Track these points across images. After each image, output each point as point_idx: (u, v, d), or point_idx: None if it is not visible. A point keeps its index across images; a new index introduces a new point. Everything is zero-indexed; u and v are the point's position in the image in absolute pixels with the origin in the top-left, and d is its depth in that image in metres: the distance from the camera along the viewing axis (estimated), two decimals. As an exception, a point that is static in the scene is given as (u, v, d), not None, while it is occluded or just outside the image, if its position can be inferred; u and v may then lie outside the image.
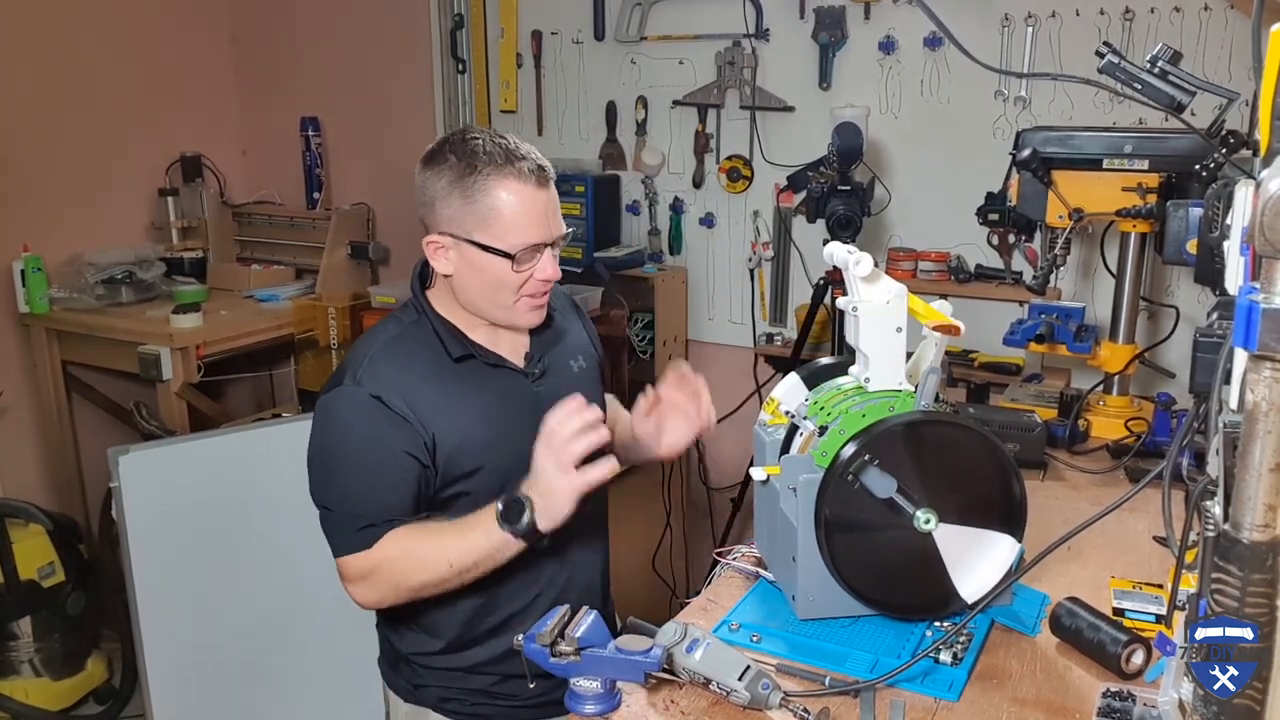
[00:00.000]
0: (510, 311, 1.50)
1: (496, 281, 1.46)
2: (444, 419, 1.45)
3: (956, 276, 2.72)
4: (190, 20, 3.73)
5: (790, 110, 2.94)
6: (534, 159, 1.47)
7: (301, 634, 2.71)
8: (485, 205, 1.44)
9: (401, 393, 1.44)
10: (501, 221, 1.43)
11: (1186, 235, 1.62)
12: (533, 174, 1.45)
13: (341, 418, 1.45)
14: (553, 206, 1.48)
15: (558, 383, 1.56)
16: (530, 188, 1.44)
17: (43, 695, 2.89)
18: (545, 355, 1.58)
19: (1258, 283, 0.76)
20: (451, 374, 1.49)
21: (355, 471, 1.44)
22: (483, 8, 3.36)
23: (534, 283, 1.47)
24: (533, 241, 1.44)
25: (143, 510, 2.52)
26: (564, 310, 1.68)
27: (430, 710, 1.60)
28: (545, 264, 1.47)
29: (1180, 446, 1.08)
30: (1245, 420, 0.78)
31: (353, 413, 1.44)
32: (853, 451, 1.23)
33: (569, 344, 1.64)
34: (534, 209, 1.44)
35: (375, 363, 1.46)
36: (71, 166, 3.37)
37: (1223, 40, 2.39)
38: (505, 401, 1.52)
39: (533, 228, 1.44)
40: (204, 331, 3.08)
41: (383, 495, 1.44)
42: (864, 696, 1.13)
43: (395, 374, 1.45)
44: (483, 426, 1.49)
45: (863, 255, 1.31)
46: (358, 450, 1.44)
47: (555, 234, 1.48)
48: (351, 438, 1.45)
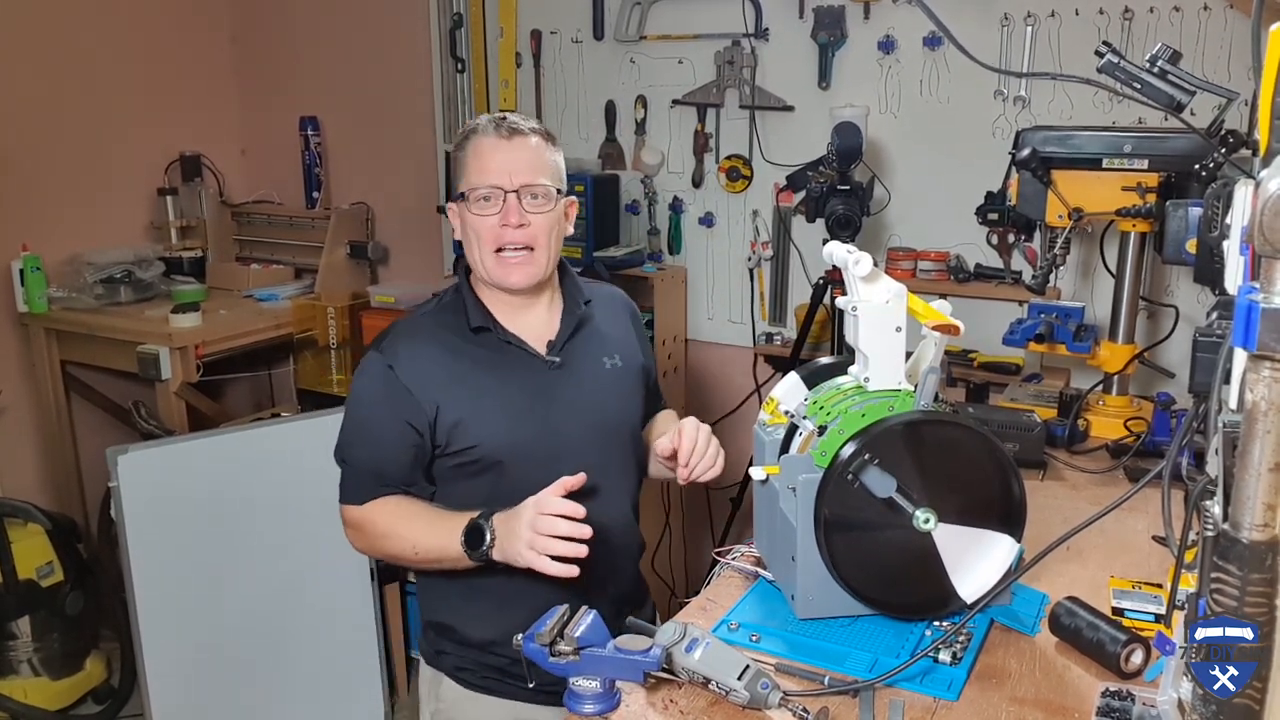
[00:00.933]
0: (490, 268, 1.57)
1: (472, 232, 1.57)
2: (450, 394, 1.55)
3: (956, 276, 2.72)
4: (190, 20, 3.73)
5: (790, 110, 2.94)
6: (503, 115, 1.58)
7: (300, 634, 2.71)
8: (459, 163, 1.59)
9: (415, 366, 1.55)
10: (464, 171, 1.58)
11: (1186, 235, 1.62)
12: (494, 126, 1.56)
13: (361, 380, 1.61)
14: (517, 158, 1.55)
15: (581, 375, 1.62)
16: (490, 138, 1.56)
17: (41, 695, 2.89)
18: (570, 346, 1.62)
19: (1257, 282, 0.76)
20: (467, 350, 1.59)
21: (359, 431, 1.60)
22: (482, 7, 3.35)
23: (500, 231, 1.55)
24: (486, 183, 1.54)
25: (142, 510, 2.52)
26: (613, 311, 1.74)
27: (445, 676, 1.68)
28: (508, 211, 1.54)
29: (1180, 446, 1.08)
30: (1244, 420, 0.78)
31: (369, 378, 1.59)
32: (852, 451, 1.23)
33: (606, 341, 1.68)
34: (491, 157, 1.55)
35: (401, 335, 1.60)
36: (71, 166, 3.37)
37: (1222, 40, 2.39)
38: (514, 382, 1.59)
39: (486, 172, 1.55)
40: (203, 331, 3.08)
41: (378, 458, 1.57)
42: (863, 696, 1.13)
43: (416, 347, 1.58)
44: (488, 405, 1.56)
45: (862, 255, 1.31)
46: (365, 414, 1.59)
47: (518, 182, 1.54)
48: (363, 401, 1.60)
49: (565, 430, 1.59)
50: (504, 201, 1.54)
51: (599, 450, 1.61)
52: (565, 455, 1.54)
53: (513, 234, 1.54)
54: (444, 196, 3.52)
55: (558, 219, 1.60)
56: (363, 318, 3.01)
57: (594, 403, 1.63)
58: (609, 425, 1.65)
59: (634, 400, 1.70)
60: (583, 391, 1.62)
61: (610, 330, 1.70)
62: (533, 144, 1.57)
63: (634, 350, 1.72)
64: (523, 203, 1.54)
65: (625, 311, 1.76)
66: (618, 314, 1.74)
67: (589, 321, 1.66)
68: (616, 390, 1.66)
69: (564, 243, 1.65)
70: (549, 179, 1.58)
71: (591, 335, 1.66)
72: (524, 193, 1.54)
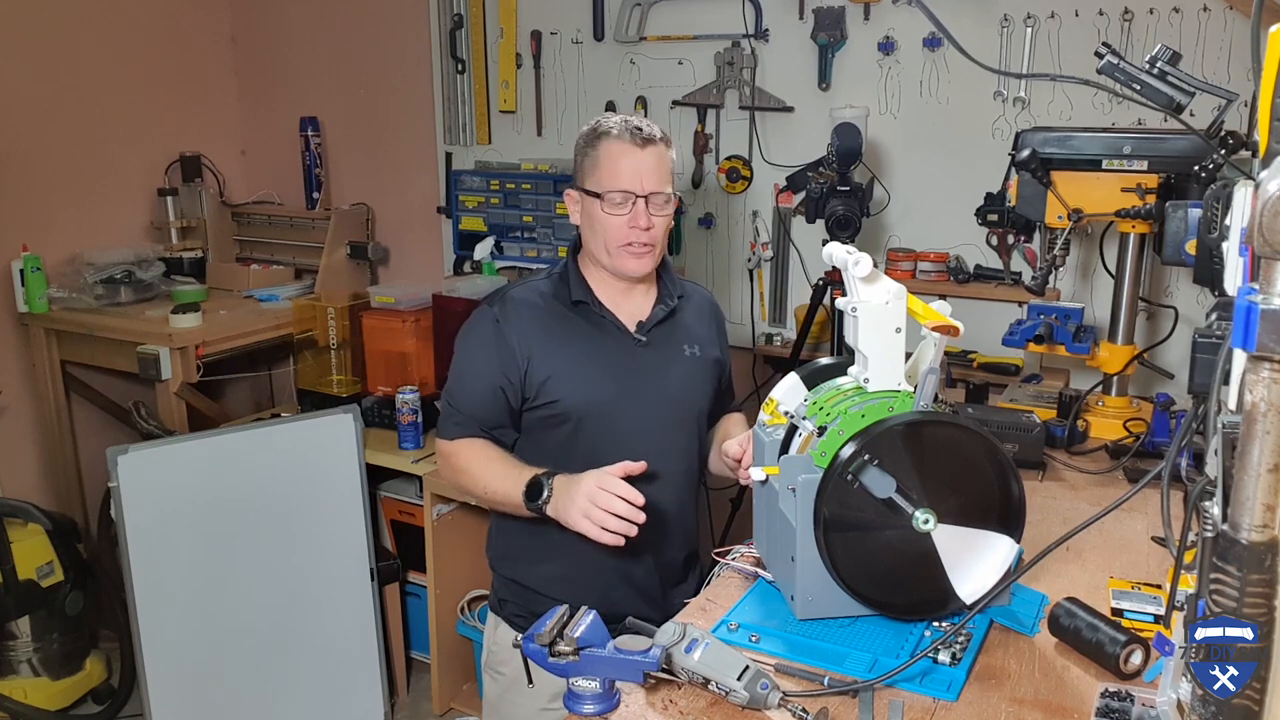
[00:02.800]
0: (613, 257, 1.74)
1: (600, 226, 1.73)
2: (544, 352, 1.74)
3: (955, 277, 2.72)
4: (190, 20, 3.73)
5: (789, 111, 2.94)
6: (638, 123, 1.72)
7: (300, 634, 2.71)
8: (591, 160, 1.74)
9: (518, 323, 1.75)
10: (598, 170, 1.73)
11: (1185, 236, 1.62)
12: (629, 133, 1.71)
13: (470, 329, 1.80)
14: (649, 166, 1.71)
15: (665, 357, 1.80)
16: (624, 144, 1.71)
17: (41, 695, 2.88)
18: (658, 330, 1.81)
19: (1256, 283, 0.76)
20: (566, 317, 1.77)
21: (459, 373, 1.80)
22: (482, 8, 3.36)
23: (627, 230, 1.71)
24: (620, 187, 1.70)
25: (141, 510, 2.52)
26: (699, 309, 1.90)
27: (502, 620, 1.88)
28: (638, 214, 1.71)
29: (1179, 447, 1.08)
30: (1244, 421, 0.78)
31: (478, 327, 1.79)
32: (852, 451, 1.23)
33: (690, 332, 1.86)
34: (625, 161, 1.70)
35: (511, 298, 1.79)
36: (71, 166, 3.37)
37: (1221, 41, 2.39)
38: (604, 351, 1.77)
39: (621, 176, 1.70)
40: (203, 331, 3.08)
41: (471, 399, 1.77)
42: (863, 696, 1.13)
43: (522, 308, 1.77)
44: (576, 367, 1.74)
45: (862, 255, 1.31)
46: (466, 358, 1.79)
47: (648, 189, 1.70)
48: (468, 347, 1.80)
49: (640, 399, 1.76)
50: (634, 205, 1.70)
51: (668, 425, 1.80)
52: (636, 422, 1.75)
53: (640, 234, 1.72)
54: (444, 197, 3.53)
55: (670, 218, 1.78)
56: (363, 318, 3.00)
57: (669, 382, 1.80)
58: (680, 404, 1.82)
59: (705, 388, 1.87)
60: (661, 370, 1.80)
61: (695, 324, 1.87)
62: (660, 152, 1.73)
63: (712, 345, 1.89)
64: (649, 207, 1.71)
65: (711, 311, 1.94)
66: (703, 312, 1.91)
67: (678, 313, 1.84)
68: (691, 376, 1.83)
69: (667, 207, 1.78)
70: (670, 185, 1.75)
71: (678, 325, 1.84)
72: (652, 199, 1.71)
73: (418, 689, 3.08)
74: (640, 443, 1.70)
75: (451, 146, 3.53)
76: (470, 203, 3.22)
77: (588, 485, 1.54)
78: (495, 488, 1.71)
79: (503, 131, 3.43)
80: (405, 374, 2.93)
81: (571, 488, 1.56)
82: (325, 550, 2.73)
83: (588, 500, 1.53)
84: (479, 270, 3.20)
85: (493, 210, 3.19)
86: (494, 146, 3.45)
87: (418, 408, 2.81)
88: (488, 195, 3.19)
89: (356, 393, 3.06)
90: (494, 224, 3.20)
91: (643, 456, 1.59)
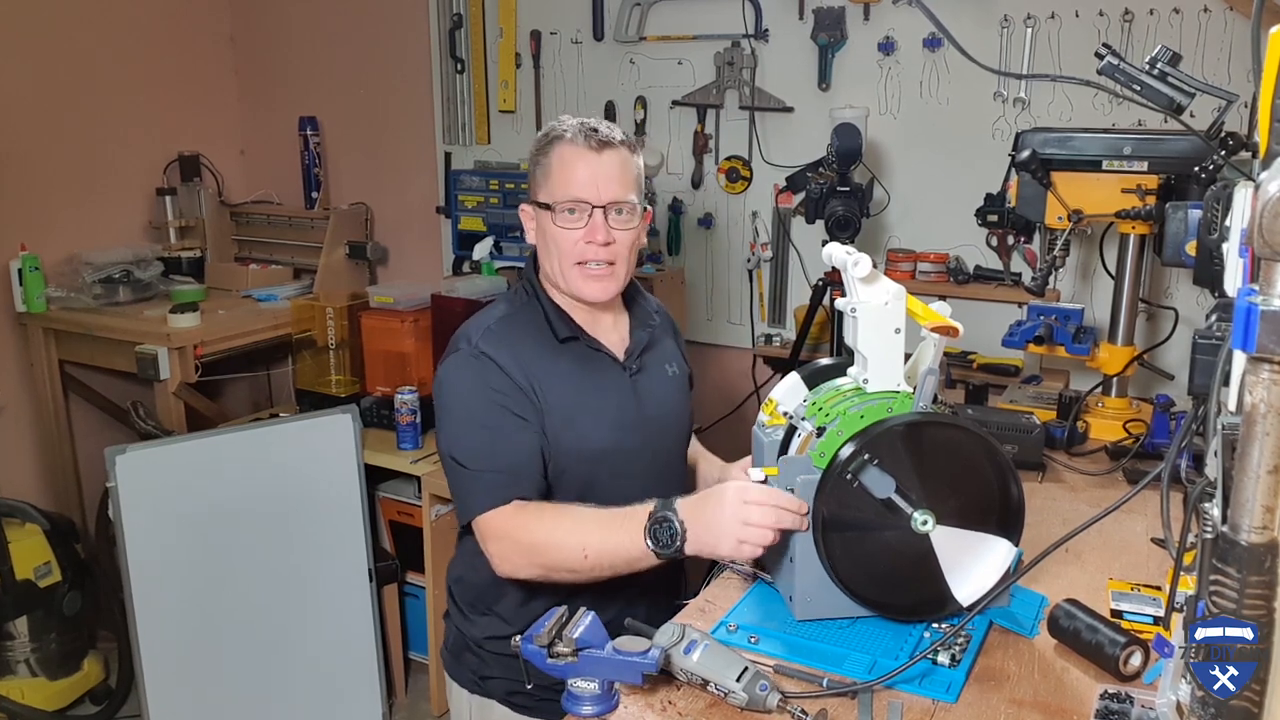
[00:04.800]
0: (567, 279, 1.54)
1: (553, 243, 1.53)
2: (555, 394, 1.52)
3: (955, 278, 2.72)
4: (190, 20, 3.73)
5: (789, 111, 2.94)
6: (595, 124, 1.52)
7: (298, 634, 2.71)
8: (543, 168, 1.54)
9: (518, 365, 1.51)
10: (550, 179, 1.52)
11: (1185, 237, 1.62)
12: (583, 135, 1.50)
13: (465, 382, 1.52)
14: (607, 172, 1.50)
15: (653, 382, 1.65)
16: (578, 148, 1.50)
17: (39, 695, 2.88)
18: (643, 354, 1.65)
19: (1256, 285, 0.76)
20: (558, 353, 1.56)
21: (479, 431, 1.49)
22: (481, 8, 3.36)
23: (582, 246, 1.51)
24: (572, 196, 1.50)
25: (140, 510, 2.51)
26: (663, 324, 1.74)
27: (496, 703, 1.61)
28: (594, 228, 1.50)
29: (1179, 448, 1.08)
30: (1243, 422, 0.78)
31: (475, 376, 1.50)
32: (851, 452, 1.23)
33: (664, 351, 1.71)
34: (579, 167, 1.50)
35: (489, 334, 1.54)
36: (69, 165, 3.37)
37: (1222, 42, 2.39)
38: (606, 386, 1.58)
39: (572, 184, 1.50)
40: (202, 331, 3.07)
41: (504, 448, 1.48)
42: (862, 698, 1.13)
43: (509, 344, 1.53)
44: (590, 406, 1.55)
45: (861, 256, 1.31)
46: (484, 413, 1.49)
47: (606, 198, 1.50)
48: (476, 401, 1.50)
49: (651, 430, 1.62)
50: (590, 217, 1.50)
51: (671, 454, 1.68)
52: (645, 456, 1.60)
53: (597, 250, 1.51)
54: (443, 197, 3.53)
55: (639, 233, 1.57)
56: (361, 318, 3.00)
57: (667, 408, 1.67)
58: (673, 430, 1.69)
59: (688, 405, 1.75)
60: (658, 397, 1.65)
61: (663, 340, 1.72)
62: (622, 157, 1.52)
63: (681, 360, 1.76)
64: (609, 219, 1.51)
65: (667, 320, 1.79)
66: (664, 327, 1.76)
67: (649, 330, 1.68)
68: (676, 396, 1.70)
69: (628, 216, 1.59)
70: (635, 194, 1.54)
71: (653, 344, 1.68)
72: (611, 209, 1.51)
73: (416, 690, 3.07)
74: (650, 479, 1.54)
75: (451, 146, 3.53)
76: (469, 203, 3.22)
77: (733, 507, 1.27)
78: (599, 546, 1.37)
79: (502, 131, 3.43)
80: (404, 374, 2.92)
81: (709, 514, 1.30)
82: (324, 551, 2.73)
83: (739, 523, 1.26)
84: (478, 270, 3.20)
85: (492, 210, 3.19)
86: (493, 146, 3.45)
87: (416, 408, 2.81)
88: (487, 195, 3.19)
89: (355, 393, 3.06)
90: (493, 224, 3.20)
91: (652, 489, 1.41)
